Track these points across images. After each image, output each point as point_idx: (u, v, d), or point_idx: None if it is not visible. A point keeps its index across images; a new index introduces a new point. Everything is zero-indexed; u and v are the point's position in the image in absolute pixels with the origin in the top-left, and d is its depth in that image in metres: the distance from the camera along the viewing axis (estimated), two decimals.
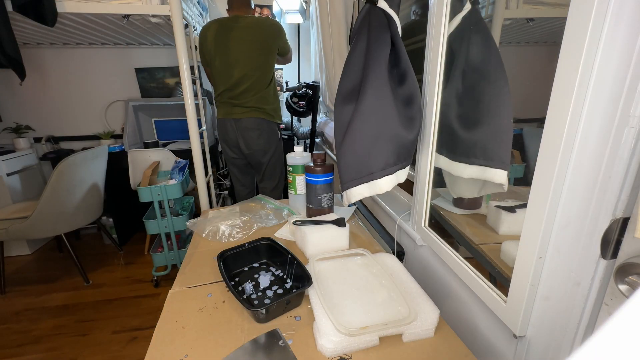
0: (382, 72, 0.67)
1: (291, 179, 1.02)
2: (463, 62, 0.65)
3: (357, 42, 0.71)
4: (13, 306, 1.74)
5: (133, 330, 1.54)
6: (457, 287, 0.67)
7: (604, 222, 0.37)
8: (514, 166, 0.59)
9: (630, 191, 0.35)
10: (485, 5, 0.70)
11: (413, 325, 0.54)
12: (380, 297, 0.61)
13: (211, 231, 0.90)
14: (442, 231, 0.73)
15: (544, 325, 0.47)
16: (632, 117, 0.34)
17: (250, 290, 0.67)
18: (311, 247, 0.79)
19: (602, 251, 0.38)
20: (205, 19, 2.29)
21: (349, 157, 0.71)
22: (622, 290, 0.35)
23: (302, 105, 2.11)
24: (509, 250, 0.57)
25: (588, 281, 0.39)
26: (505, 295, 0.52)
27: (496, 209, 0.65)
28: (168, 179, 1.81)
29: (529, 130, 0.61)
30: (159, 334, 0.57)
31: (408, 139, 0.69)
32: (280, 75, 2.64)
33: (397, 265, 0.71)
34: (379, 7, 0.68)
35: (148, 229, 1.75)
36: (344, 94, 0.72)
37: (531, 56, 0.66)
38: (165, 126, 2.47)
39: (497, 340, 0.57)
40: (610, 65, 0.35)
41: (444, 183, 0.76)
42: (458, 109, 0.68)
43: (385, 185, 0.71)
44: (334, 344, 0.51)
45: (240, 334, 0.57)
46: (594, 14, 0.34)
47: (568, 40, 0.37)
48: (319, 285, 0.63)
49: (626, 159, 0.35)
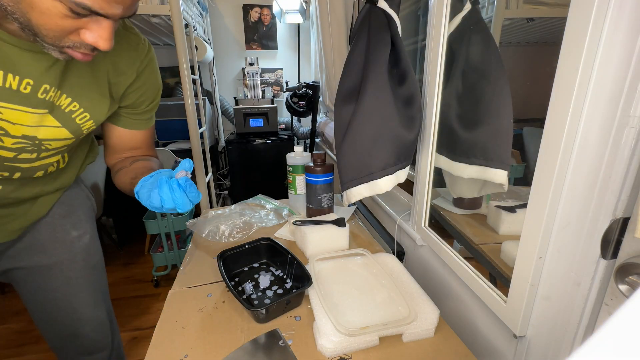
0: (382, 72, 0.67)
1: (291, 179, 1.02)
2: (463, 62, 0.65)
3: (357, 42, 0.71)
4: (13, 306, 1.73)
5: (133, 330, 1.54)
6: (457, 287, 0.67)
7: (604, 222, 0.37)
8: (514, 166, 0.59)
9: (631, 191, 0.35)
10: (485, 5, 0.70)
11: (413, 325, 0.54)
12: (380, 297, 0.61)
13: (211, 231, 0.90)
14: (442, 231, 0.73)
15: (544, 325, 0.47)
16: (632, 117, 0.34)
17: (250, 290, 0.67)
18: (311, 247, 0.79)
19: (602, 251, 0.38)
20: (205, 19, 2.29)
21: (349, 157, 0.71)
22: (622, 290, 0.35)
23: (302, 105, 2.11)
24: (509, 250, 0.57)
25: (588, 281, 0.39)
26: (505, 295, 0.52)
27: (496, 209, 0.65)
28: None
29: (529, 130, 0.61)
30: (159, 334, 0.57)
31: (408, 139, 0.69)
32: (280, 75, 2.64)
33: (397, 265, 0.71)
34: (379, 7, 0.68)
35: (148, 229, 1.75)
36: (344, 94, 0.72)
37: (531, 56, 0.66)
38: (165, 126, 2.47)
39: (497, 340, 0.57)
40: (610, 65, 0.35)
41: (444, 183, 0.76)
42: (458, 109, 0.68)
43: (385, 185, 0.71)
44: (334, 344, 0.51)
45: (240, 334, 0.57)
46: (594, 14, 0.34)
47: (568, 40, 0.37)
48: (319, 285, 0.63)
49: (626, 159, 0.34)
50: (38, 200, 0.70)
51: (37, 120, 0.54)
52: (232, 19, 2.48)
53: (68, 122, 0.58)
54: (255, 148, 2.25)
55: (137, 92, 0.66)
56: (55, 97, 0.54)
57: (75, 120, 0.59)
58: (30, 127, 0.54)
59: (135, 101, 0.67)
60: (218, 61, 2.52)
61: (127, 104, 0.67)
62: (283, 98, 2.47)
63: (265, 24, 2.51)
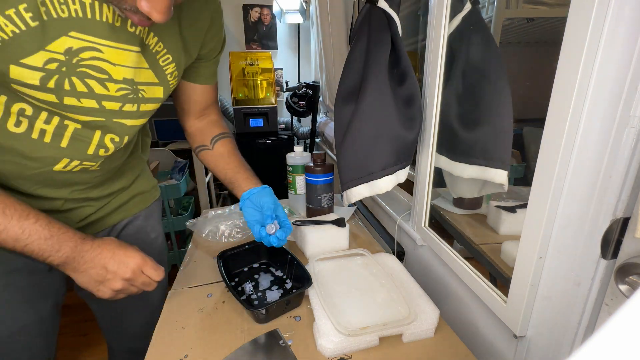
0: (382, 72, 0.67)
1: (291, 179, 1.02)
2: (463, 62, 0.65)
3: (357, 42, 0.71)
4: None
5: None
6: (457, 287, 0.67)
7: (605, 222, 0.37)
8: (514, 166, 0.59)
9: (631, 191, 0.35)
10: (485, 5, 0.70)
11: (413, 325, 0.54)
12: (380, 297, 0.61)
13: (211, 231, 0.90)
14: (442, 231, 0.73)
15: (544, 325, 0.47)
16: (632, 117, 0.34)
17: (250, 290, 0.67)
18: (311, 247, 0.79)
19: (602, 251, 0.38)
20: None
21: (349, 157, 0.71)
22: (622, 290, 0.35)
23: (302, 105, 2.11)
24: (509, 250, 0.57)
25: (588, 281, 0.39)
26: (505, 296, 0.52)
27: (496, 209, 0.65)
28: (168, 179, 1.81)
29: (529, 130, 0.61)
30: (159, 334, 0.57)
31: (408, 139, 0.69)
32: (280, 75, 2.64)
33: (397, 265, 0.71)
34: (379, 7, 0.68)
35: None
36: (344, 94, 0.72)
37: (531, 56, 0.66)
38: (165, 126, 2.47)
39: (497, 341, 0.56)
40: (611, 65, 0.35)
41: (444, 183, 0.76)
42: (458, 109, 0.68)
43: (385, 185, 0.71)
44: (334, 344, 0.51)
45: (240, 334, 0.57)
46: (594, 14, 0.34)
47: (568, 40, 0.37)
48: (319, 286, 0.63)
49: (626, 159, 0.34)
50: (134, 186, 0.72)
51: (134, 60, 0.50)
52: (232, 18, 2.48)
53: (154, 64, 0.55)
54: (255, 148, 2.25)
55: (213, 39, 0.64)
56: (143, 32, 0.50)
57: (159, 62, 0.55)
58: (129, 69, 0.50)
59: (214, 47, 0.66)
60: None
61: (205, 52, 0.65)
62: (283, 98, 2.47)
63: (265, 23, 2.51)
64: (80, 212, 0.63)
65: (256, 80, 2.22)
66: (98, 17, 0.44)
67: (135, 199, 0.73)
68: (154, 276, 0.55)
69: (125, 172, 0.69)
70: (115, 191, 0.68)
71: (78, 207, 0.62)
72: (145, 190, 0.77)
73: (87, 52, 0.45)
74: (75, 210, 0.62)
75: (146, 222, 0.76)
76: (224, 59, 2.45)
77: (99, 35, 0.45)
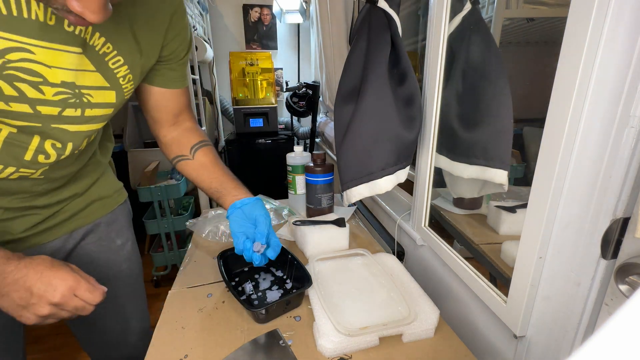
0: (382, 72, 0.67)
1: (291, 179, 1.02)
2: (463, 62, 0.65)
3: (357, 42, 0.71)
4: None
5: None
6: (457, 287, 0.67)
7: (605, 222, 0.37)
8: (514, 166, 0.59)
9: (631, 191, 0.35)
10: (485, 5, 0.70)
11: (413, 325, 0.54)
12: (380, 297, 0.61)
13: (211, 231, 0.90)
14: (442, 231, 0.73)
15: (544, 326, 0.47)
16: (632, 117, 0.34)
17: (250, 290, 0.67)
18: (311, 247, 0.79)
19: (602, 251, 0.38)
20: (205, 19, 2.29)
21: (349, 157, 0.71)
22: (622, 290, 0.35)
23: (302, 105, 2.11)
24: (509, 250, 0.57)
25: (588, 281, 0.39)
26: (505, 296, 0.52)
27: (496, 209, 0.65)
28: (168, 179, 1.81)
29: (529, 130, 0.61)
30: (159, 334, 0.57)
31: (408, 139, 0.69)
32: (280, 75, 2.64)
33: (397, 265, 0.71)
34: (379, 7, 0.68)
35: (148, 229, 1.75)
36: (344, 94, 0.72)
37: (531, 56, 0.66)
38: None
39: (497, 341, 0.56)
40: (611, 65, 0.35)
41: (444, 183, 0.76)
42: (458, 109, 0.68)
43: (385, 185, 0.71)
44: (334, 344, 0.51)
45: (240, 334, 0.57)
46: (594, 14, 0.34)
47: (568, 40, 0.37)
48: (319, 286, 0.63)
49: (626, 159, 0.34)
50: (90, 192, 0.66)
51: (74, 62, 0.46)
52: (232, 18, 2.48)
53: (103, 66, 0.50)
54: (255, 148, 2.25)
55: (176, 39, 0.60)
56: (85, 32, 0.46)
57: (109, 65, 0.51)
58: (69, 71, 0.46)
59: (177, 49, 0.61)
60: (218, 61, 2.51)
61: (167, 53, 0.60)
62: (283, 98, 2.47)
63: (265, 23, 2.51)
64: (23, 221, 0.58)
65: (256, 80, 2.22)
66: (26, 14, 0.40)
67: (93, 205, 0.68)
68: (90, 299, 0.48)
69: (78, 178, 0.64)
70: (66, 198, 0.62)
71: (20, 216, 0.57)
72: (106, 195, 0.71)
73: (15, 53, 0.41)
74: (18, 219, 0.57)
75: (109, 228, 0.72)
76: (224, 59, 2.46)
77: (28, 34, 0.41)
